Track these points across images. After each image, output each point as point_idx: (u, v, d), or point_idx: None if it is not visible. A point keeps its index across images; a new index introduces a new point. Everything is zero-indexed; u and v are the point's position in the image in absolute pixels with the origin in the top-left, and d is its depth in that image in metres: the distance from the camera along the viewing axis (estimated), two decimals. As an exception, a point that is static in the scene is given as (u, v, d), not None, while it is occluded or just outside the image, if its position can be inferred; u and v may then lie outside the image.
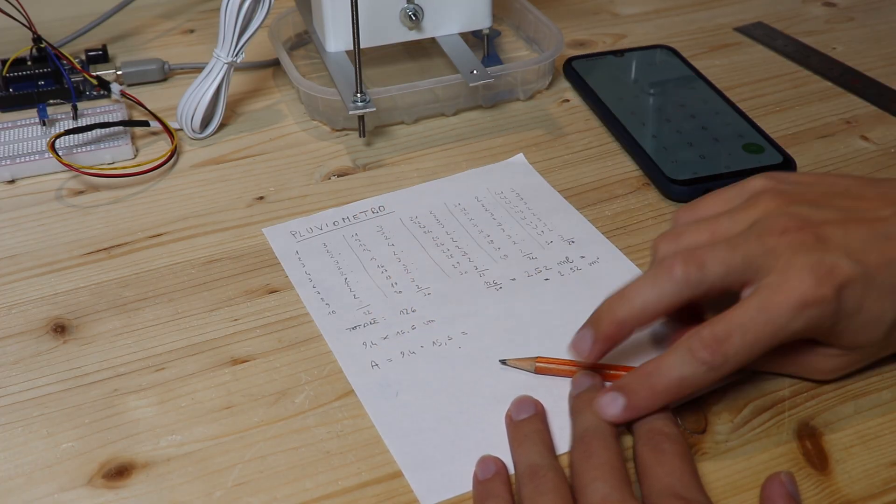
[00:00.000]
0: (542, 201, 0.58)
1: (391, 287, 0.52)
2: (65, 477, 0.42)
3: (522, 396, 0.44)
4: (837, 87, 0.70)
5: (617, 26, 0.80)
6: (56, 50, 0.69)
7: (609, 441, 0.40)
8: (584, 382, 0.44)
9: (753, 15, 0.81)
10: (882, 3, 0.83)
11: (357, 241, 0.56)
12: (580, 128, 0.66)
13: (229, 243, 0.56)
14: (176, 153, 0.63)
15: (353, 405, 0.45)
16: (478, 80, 0.63)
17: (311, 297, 0.51)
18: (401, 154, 0.64)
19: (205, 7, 0.83)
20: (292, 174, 0.62)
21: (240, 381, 0.47)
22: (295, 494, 0.41)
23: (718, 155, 0.60)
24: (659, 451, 0.39)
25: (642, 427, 0.41)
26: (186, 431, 0.44)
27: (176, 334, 0.49)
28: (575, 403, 0.43)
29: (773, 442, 0.43)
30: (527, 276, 0.53)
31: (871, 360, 0.45)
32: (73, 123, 0.64)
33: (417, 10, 0.64)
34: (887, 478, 0.41)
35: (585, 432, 0.41)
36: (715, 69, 0.72)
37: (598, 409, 0.42)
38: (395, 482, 0.42)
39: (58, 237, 0.57)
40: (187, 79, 0.70)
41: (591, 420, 0.41)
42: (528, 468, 0.40)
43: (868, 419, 0.44)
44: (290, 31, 0.74)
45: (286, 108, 0.69)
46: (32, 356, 0.48)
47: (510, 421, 0.43)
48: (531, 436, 0.42)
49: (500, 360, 0.47)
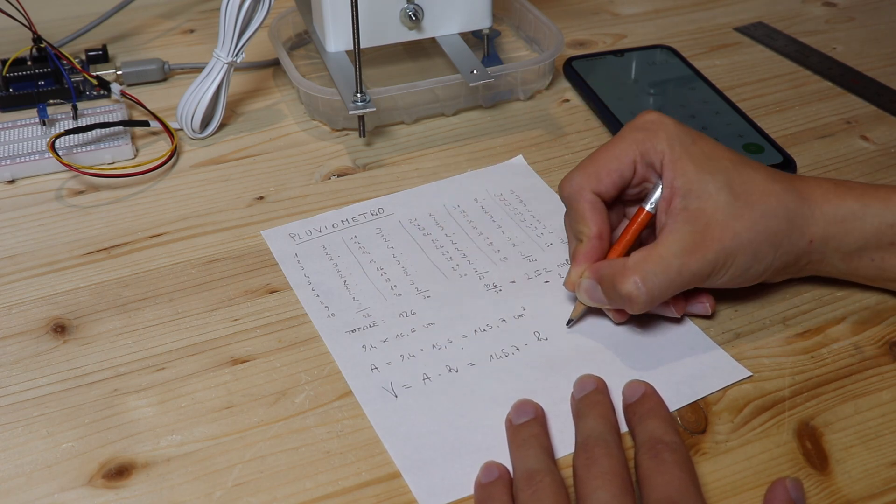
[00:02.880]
0: (542, 203, 0.58)
1: (390, 290, 0.52)
2: (65, 477, 0.42)
3: (522, 400, 0.44)
4: (837, 87, 0.70)
5: (617, 26, 0.80)
6: (56, 50, 0.69)
7: (612, 448, 0.40)
8: (588, 385, 0.44)
9: (753, 15, 0.81)
10: (882, 3, 0.83)
11: (356, 243, 0.56)
12: (580, 128, 0.66)
13: (229, 243, 0.56)
14: (176, 153, 0.63)
15: (353, 405, 0.45)
16: (478, 80, 0.63)
17: (310, 300, 0.51)
18: (401, 154, 0.64)
19: (205, 7, 0.83)
20: (292, 174, 0.62)
21: (240, 381, 0.47)
22: (295, 494, 0.41)
23: None
24: (659, 459, 0.39)
25: (643, 435, 0.41)
26: (186, 431, 0.44)
27: (176, 334, 0.49)
28: (579, 407, 0.43)
29: (773, 442, 0.43)
30: (527, 278, 0.53)
31: None
32: (73, 123, 0.64)
33: (417, 10, 0.64)
34: (887, 478, 0.42)
35: (588, 439, 0.41)
36: (715, 69, 0.72)
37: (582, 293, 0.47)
38: (395, 482, 0.42)
39: (58, 237, 0.57)
40: (187, 79, 0.70)
41: (594, 426, 0.41)
42: (525, 473, 0.40)
43: (868, 419, 0.44)
44: (290, 31, 0.74)
45: (286, 108, 0.69)
46: (32, 356, 0.48)
47: (510, 424, 0.43)
48: (530, 440, 0.42)
49: (567, 324, 0.49)
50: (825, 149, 0.63)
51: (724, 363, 0.47)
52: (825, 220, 0.47)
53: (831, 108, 0.67)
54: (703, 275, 0.45)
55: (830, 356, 0.47)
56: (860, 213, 0.47)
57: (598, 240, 0.48)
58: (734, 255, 0.45)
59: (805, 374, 0.47)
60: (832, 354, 0.48)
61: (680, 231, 0.45)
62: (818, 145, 0.63)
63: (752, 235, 0.45)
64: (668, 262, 0.45)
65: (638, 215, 0.48)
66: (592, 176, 0.48)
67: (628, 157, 0.48)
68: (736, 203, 0.45)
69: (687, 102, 0.67)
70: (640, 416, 0.42)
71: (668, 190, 0.47)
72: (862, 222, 0.47)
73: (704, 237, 0.45)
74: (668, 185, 0.47)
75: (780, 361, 0.47)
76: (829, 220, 0.47)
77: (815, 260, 0.48)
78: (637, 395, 0.43)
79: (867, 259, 0.48)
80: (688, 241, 0.45)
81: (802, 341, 0.48)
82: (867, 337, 0.49)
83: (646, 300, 0.45)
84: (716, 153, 0.47)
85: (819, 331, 0.49)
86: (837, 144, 0.63)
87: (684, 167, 0.46)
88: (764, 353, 0.48)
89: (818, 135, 0.65)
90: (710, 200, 0.45)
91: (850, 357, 0.47)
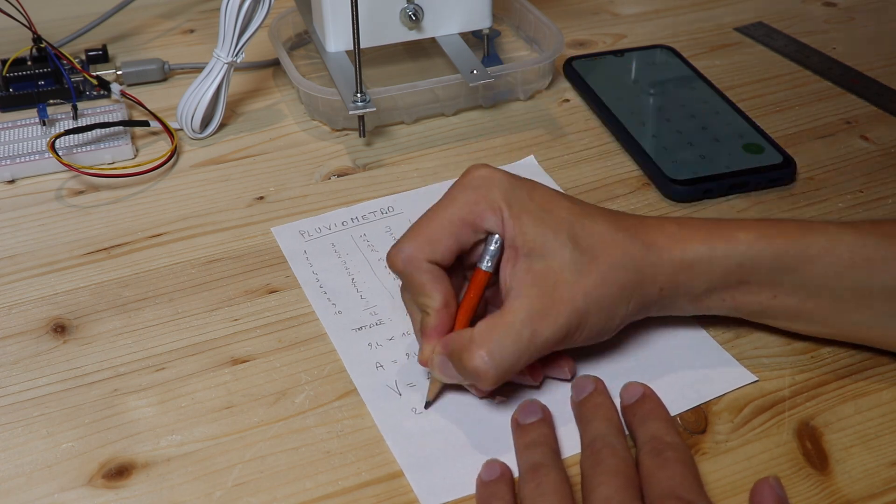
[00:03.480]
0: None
1: (398, 288, 0.52)
2: (65, 477, 0.42)
3: (529, 400, 0.44)
4: (837, 88, 0.70)
5: (617, 26, 0.80)
6: (56, 50, 0.69)
7: (618, 448, 0.40)
8: (587, 387, 0.44)
9: (753, 15, 0.81)
10: (882, 3, 0.83)
11: (365, 241, 0.56)
12: (580, 128, 0.66)
13: (229, 243, 0.56)
14: (176, 153, 0.63)
15: (354, 405, 0.45)
16: (478, 80, 0.63)
17: (317, 297, 0.51)
18: (401, 154, 0.64)
19: (205, 7, 0.83)
20: (292, 174, 0.62)
21: (240, 381, 0.47)
22: (295, 494, 0.41)
23: (718, 155, 0.60)
24: (662, 457, 0.39)
25: (644, 435, 0.41)
26: (186, 431, 0.44)
27: (176, 334, 0.49)
28: (582, 411, 0.43)
29: (773, 442, 0.43)
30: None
31: None
32: (73, 123, 0.64)
33: (417, 10, 0.64)
34: (887, 478, 0.41)
35: (595, 441, 0.41)
36: (715, 69, 0.72)
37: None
38: (395, 482, 0.42)
39: (58, 237, 0.57)
40: (187, 79, 0.70)
41: (599, 428, 0.41)
42: (530, 467, 0.40)
43: (868, 419, 0.44)
44: (290, 31, 0.74)
45: (286, 108, 0.69)
46: (32, 356, 0.48)
47: (516, 424, 0.43)
48: (537, 439, 0.41)
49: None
50: (825, 149, 0.63)
51: (730, 367, 0.47)
52: (673, 268, 0.44)
53: (831, 108, 0.67)
54: (557, 339, 0.42)
55: (830, 356, 0.47)
56: (707, 257, 0.44)
57: (446, 309, 0.44)
58: (587, 315, 0.43)
59: (805, 374, 0.47)
60: (832, 354, 0.48)
61: (527, 295, 0.42)
62: (818, 145, 0.63)
63: (603, 291, 0.43)
64: (517, 330, 0.41)
65: (476, 277, 0.44)
66: (425, 244, 0.44)
67: (462, 220, 0.44)
68: (582, 258, 0.43)
69: (687, 102, 0.67)
70: (641, 417, 0.42)
71: (510, 250, 0.44)
72: (710, 265, 0.44)
73: (554, 299, 0.42)
74: (510, 244, 0.44)
75: (780, 361, 0.47)
76: (677, 266, 0.44)
77: (667, 305, 0.45)
78: (636, 396, 0.43)
79: (717, 300, 0.45)
80: (536, 305, 0.42)
81: (802, 341, 0.48)
82: (867, 337, 0.49)
83: (494, 375, 0.41)
84: (553, 205, 0.44)
85: (819, 331, 0.49)
86: (837, 144, 0.63)
87: (524, 225, 0.43)
88: (764, 353, 0.48)
89: (818, 135, 0.65)
90: (556, 258, 0.42)
91: (850, 357, 0.47)
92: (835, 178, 0.60)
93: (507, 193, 0.44)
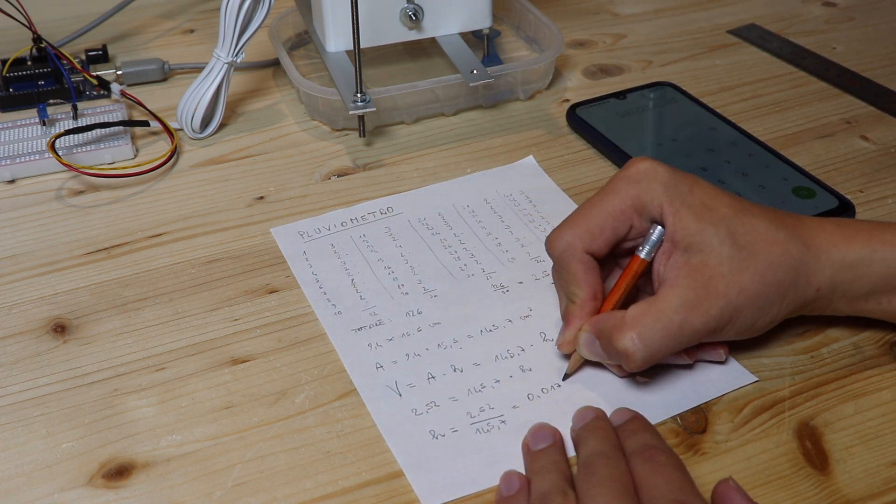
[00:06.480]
0: (551, 204, 0.58)
1: (398, 289, 0.52)
2: (65, 477, 0.42)
3: (540, 424, 0.43)
4: (835, 89, 0.70)
5: (617, 26, 0.80)
6: (56, 50, 0.69)
7: (613, 460, 0.39)
8: (588, 414, 0.43)
9: (753, 15, 0.81)
10: (882, 3, 0.83)
11: (365, 241, 0.56)
12: (580, 128, 0.66)
13: (229, 243, 0.56)
14: (176, 153, 0.63)
15: (354, 405, 0.45)
16: (478, 80, 0.63)
17: (317, 298, 0.51)
18: (401, 154, 0.64)
19: (205, 7, 0.83)
20: (292, 174, 0.62)
21: (240, 381, 0.47)
22: (295, 494, 0.41)
23: (771, 204, 0.53)
24: (655, 462, 0.39)
25: (635, 444, 0.41)
26: (186, 431, 0.44)
27: (176, 334, 0.49)
28: (580, 434, 0.43)
29: (773, 442, 0.43)
30: (534, 279, 0.52)
31: None
32: (73, 123, 0.64)
33: (417, 10, 0.64)
34: (887, 478, 0.42)
35: (590, 457, 0.40)
36: (715, 69, 0.72)
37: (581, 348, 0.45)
38: (396, 482, 0.42)
39: (58, 237, 0.57)
40: (187, 79, 0.70)
41: (595, 445, 0.41)
42: (541, 496, 0.39)
43: (868, 419, 0.44)
44: (290, 31, 0.74)
45: (286, 108, 0.69)
46: (32, 356, 0.48)
47: (527, 450, 0.42)
48: (548, 467, 0.41)
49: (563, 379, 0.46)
50: (825, 149, 0.63)
51: (730, 367, 0.47)
52: (832, 268, 0.44)
53: (831, 109, 0.67)
54: (707, 331, 0.43)
55: (830, 356, 0.47)
56: (868, 259, 0.44)
57: (592, 301, 0.45)
58: (740, 310, 0.43)
59: (805, 374, 0.47)
60: (832, 354, 0.48)
61: (681, 285, 0.43)
62: (818, 145, 0.63)
63: (759, 288, 0.43)
64: (668, 317, 0.42)
65: (633, 264, 0.45)
66: (585, 234, 0.45)
67: (623, 212, 0.45)
68: (740, 255, 0.43)
69: (714, 146, 0.62)
70: (631, 431, 0.42)
71: (668, 244, 0.44)
72: (870, 268, 0.44)
73: (708, 292, 0.43)
74: (669, 238, 0.44)
75: (780, 361, 0.47)
76: (837, 267, 0.44)
77: (821, 306, 0.46)
78: (625, 418, 0.43)
79: (874, 303, 0.46)
80: (689, 295, 0.43)
81: (802, 341, 0.48)
82: (867, 337, 0.49)
83: (642, 357, 0.42)
84: (714, 201, 0.44)
85: (819, 331, 0.49)
86: (837, 144, 0.63)
87: (684, 219, 0.44)
88: (764, 353, 0.48)
89: (818, 135, 0.65)
90: (713, 254, 0.43)
91: (851, 357, 0.47)
92: (835, 178, 0.60)
93: (669, 187, 0.44)
